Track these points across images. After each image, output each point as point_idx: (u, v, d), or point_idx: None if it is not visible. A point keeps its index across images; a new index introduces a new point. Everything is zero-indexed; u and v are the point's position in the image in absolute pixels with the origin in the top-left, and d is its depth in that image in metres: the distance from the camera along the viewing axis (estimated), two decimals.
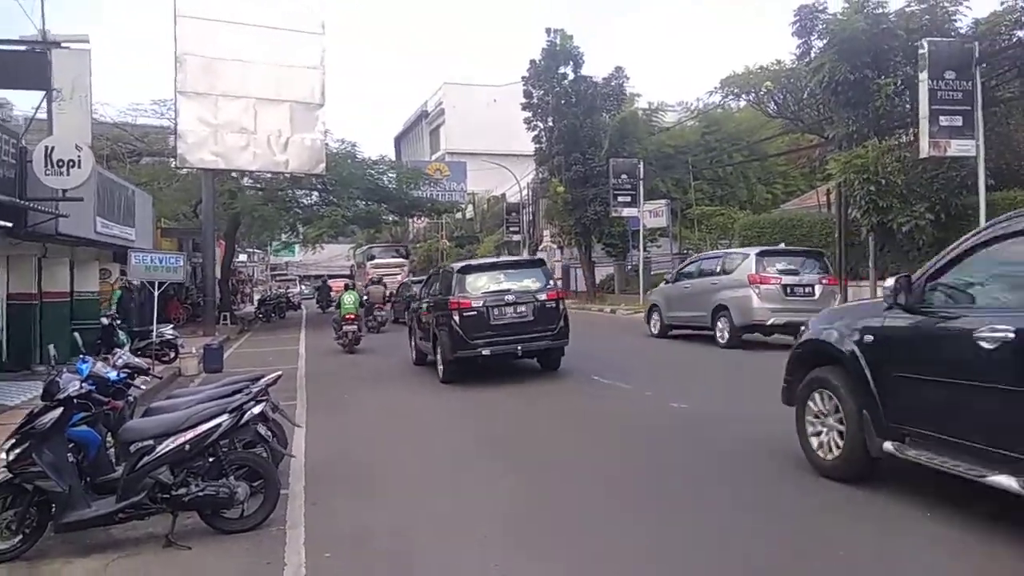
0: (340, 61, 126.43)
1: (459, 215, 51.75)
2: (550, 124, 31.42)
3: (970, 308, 4.79)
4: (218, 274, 28.47)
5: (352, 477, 6.80)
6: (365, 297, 21.31)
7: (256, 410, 5.78)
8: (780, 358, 6.60)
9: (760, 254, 14.00)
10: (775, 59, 22.34)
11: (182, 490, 5.25)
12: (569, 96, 30.70)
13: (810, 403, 5.86)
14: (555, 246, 37.90)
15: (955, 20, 15.58)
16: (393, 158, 50.89)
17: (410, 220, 50.30)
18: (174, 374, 14.03)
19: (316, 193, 31.09)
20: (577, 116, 30.13)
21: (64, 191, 12.39)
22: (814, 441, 5.83)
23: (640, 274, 27.36)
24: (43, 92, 12.38)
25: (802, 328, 6.35)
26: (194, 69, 22.28)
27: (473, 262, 14.14)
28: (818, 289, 13.39)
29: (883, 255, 16.35)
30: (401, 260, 41.17)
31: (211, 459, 5.48)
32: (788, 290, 13.36)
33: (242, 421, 5.63)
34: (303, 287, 61.52)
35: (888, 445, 5.09)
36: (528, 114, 32.33)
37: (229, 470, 5.43)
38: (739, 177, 33.06)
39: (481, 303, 11.46)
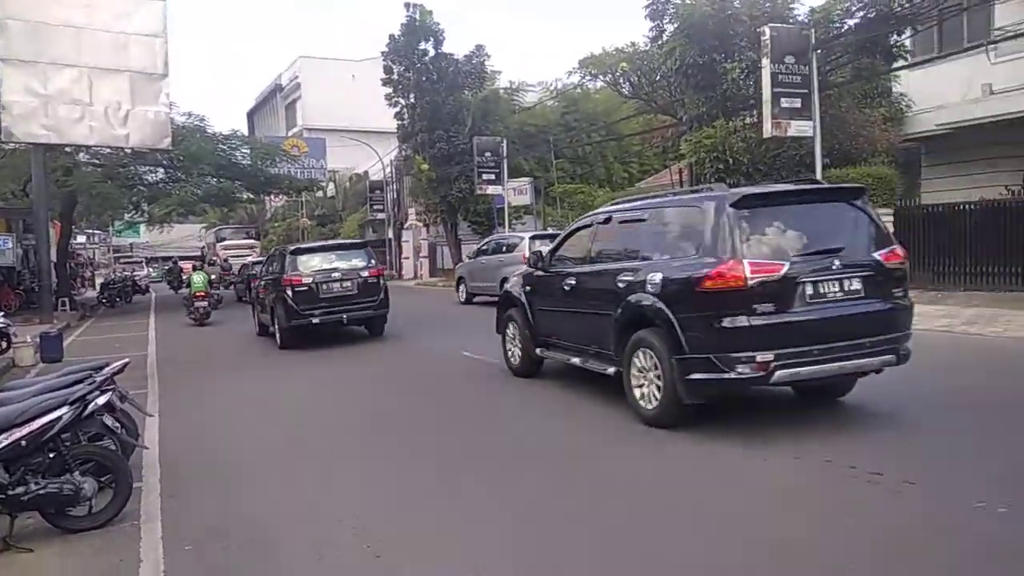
0: (186, 30, 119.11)
1: (320, 193, 50.29)
2: (412, 101, 31.00)
3: (565, 267, 8.12)
4: (54, 257, 26.21)
5: (211, 466, 6.50)
6: (213, 277, 23.26)
7: (100, 400, 5.40)
8: None
9: (532, 237, 16.97)
10: (630, 42, 23.04)
11: (19, 489, 4.82)
12: (431, 73, 30.38)
13: (506, 331, 9.40)
14: (421, 224, 37.61)
15: (793, 8, 16.63)
16: (246, 133, 48.69)
17: (267, 198, 48.42)
18: (7, 365, 12.88)
19: (162, 170, 29.17)
20: (439, 93, 29.90)
21: None
22: (509, 351, 9.37)
23: None
24: None
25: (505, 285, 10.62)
26: (18, 35, 20.27)
27: (304, 245, 17.72)
28: None
29: None
30: (252, 241, 43.68)
31: (52, 454, 5.06)
32: None
33: (85, 413, 5.23)
34: (151, 270, 57.91)
35: (538, 351, 8.63)
36: (389, 90, 31.74)
37: (73, 465, 5.04)
38: (598, 156, 34.00)
39: (311, 279, 13.45)
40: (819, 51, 15.29)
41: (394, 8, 76.99)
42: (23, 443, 4.88)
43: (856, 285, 5.94)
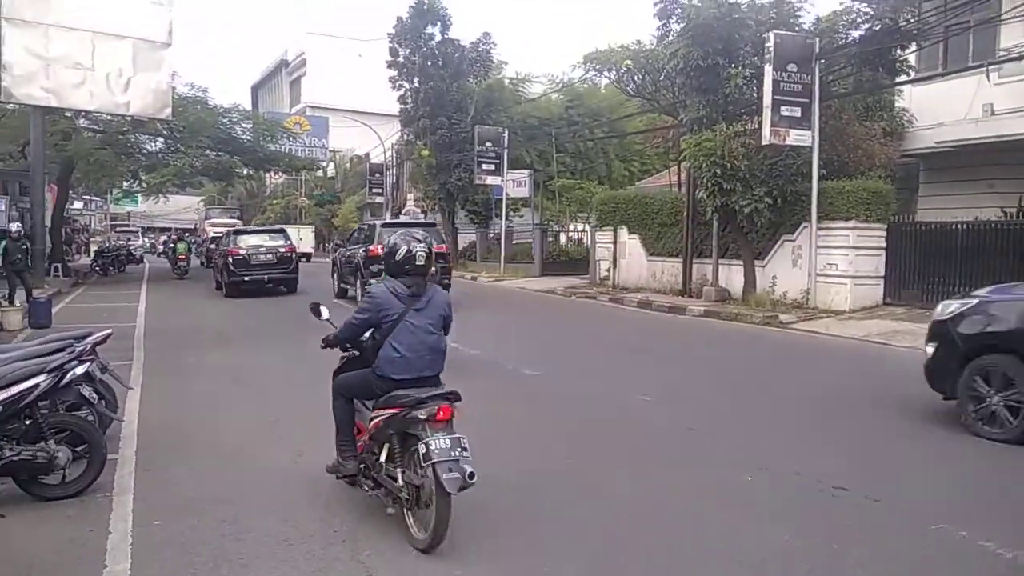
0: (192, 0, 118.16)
1: (319, 173, 50.17)
2: (416, 85, 30.89)
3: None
4: (49, 222, 26.13)
5: (189, 441, 6.52)
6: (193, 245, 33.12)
7: (79, 370, 5.41)
8: None
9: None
10: (636, 39, 22.96)
11: None
12: (436, 58, 30.28)
13: None
14: (419, 210, 37.57)
15: (799, 16, 16.53)
16: (249, 108, 48.46)
17: (266, 175, 48.29)
18: None
19: (161, 139, 29.06)
20: (444, 79, 29.81)
21: None
22: None
23: (502, 243, 27.66)
24: None
25: None
26: None
27: (244, 228, 28.10)
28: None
29: (725, 235, 17.32)
30: (234, 221, 47.42)
31: (28, 421, 5.09)
32: None
33: (63, 382, 5.26)
34: (147, 239, 57.76)
35: None
36: (394, 73, 31.61)
37: (48, 434, 5.06)
38: (599, 152, 33.98)
39: (245, 251, 20.54)
40: (822, 61, 15.27)
41: None
42: None
43: None
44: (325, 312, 5.32)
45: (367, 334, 4.75)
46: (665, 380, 9.36)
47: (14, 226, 16.54)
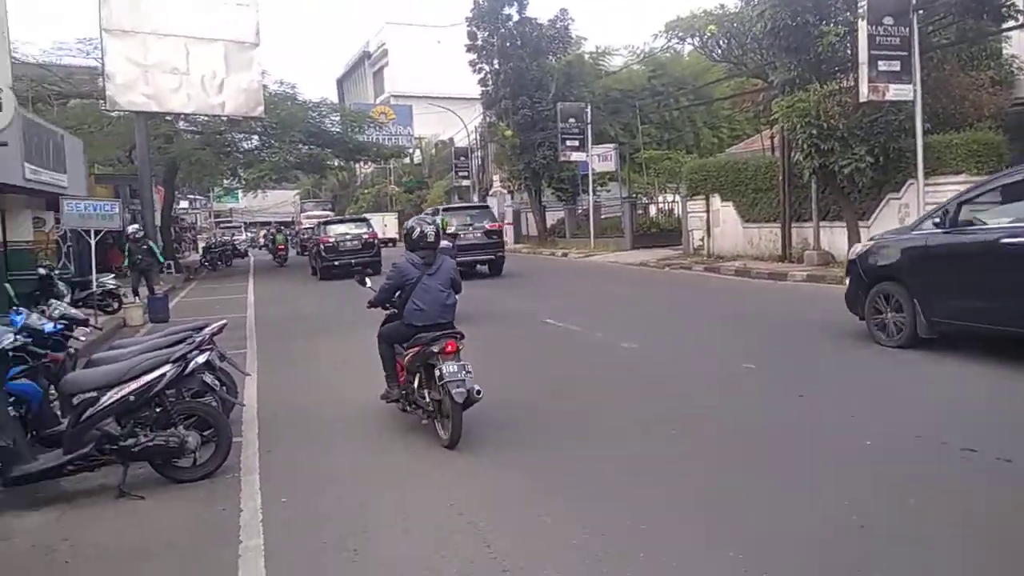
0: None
1: (407, 160, 51.01)
2: (496, 67, 30.93)
3: None
4: (159, 222, 27.60)
5: (305, 423, 6.79)
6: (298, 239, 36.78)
7: (200, 359, 5.69)
8: None
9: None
10: (719, 3, 22.26)
11: (130, 441, 5.17)
12: (515, 38, 30.20)
13: None
14: (505, 191, 37.74)
15: None
16: (336, 101, 49.64)
17: (356, 165, 49.46)
18: (118, 324, 13.70)
19: (256, 137, 30.20)
20: (523, 59, 29.72)
21: None
22: None
23: (591, 218, 27.50)
24: None
25: None
26: (120, 6, 21.22)
27: (332, 219, 30.91)
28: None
29: (825, 197, 16.70)
30: (327, 212, 51.53)
31: (158, 409, 5.40)
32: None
33: (187, 371, 5.53)
34: (249, 234, 60.22)
35: None
36: (473, 56, 31.73)
37: (178, 420, 5.36)
38: (686, 121, 33.23)
39: (334, 239, 22.76)
40: (920, 11, 14.41)
41: None
42: (132, 398, 5.22)
43: None
44: (368, 282, 7.07)
45: (396, 295, 6.29)
46: (769, 347, 9.12)
47: (131, 228, 17.45)
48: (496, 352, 9.63)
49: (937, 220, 7.93)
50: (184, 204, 51.14)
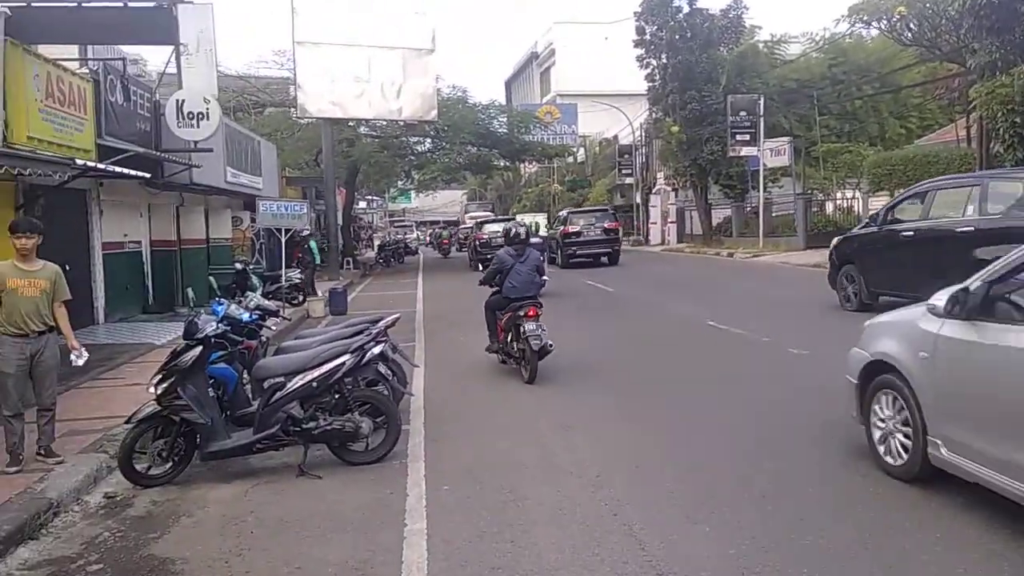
0: (449, 5, 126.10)
1: (570, 159, 51.27)
2: (664, 61, 30.35)
3: None
4: (340, 221, 29.54)
5: (469, 415, 7.04)
6: (463, 237, 39.80)
7: (376, 350, 6.04)
8: None
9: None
10: None
11: (311, 424, 5.60)
12: (684, 31, 29.50)
13: None
14: (669, 188, 37.03)
15: None
16: (503, 102, 50.77)
17: (521, 165, 50.38)
18: (303, 316, 14.78)
19: (429, 140, 31.52)
20: (692, 51, 28.98)
21: (195, 142, 13.11)
22: None
23: (760, 216, 26.36)
24: (171, 47, 13.00)
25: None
26: (310, 18, 22.84)
27: (489, 218, 34.17)
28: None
29: None
30: (488, 214, 53.54)
31: (337, 396, 5.80)
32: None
33: (363, 361, 5.90)
34: (419, 232, 63.03)
35: None
36: (640, 51, 31.33)
37: (353, 406, 5.73)
38: (869, 111, 31.01)
39: (487, 236, 25.98)
40: None
41: None
42: (314, 384, 5.65)
43: None
44: (481, 267, 9.85)
45: (496, 277, 8.72)
46: None
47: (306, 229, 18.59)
48: (659, 355, 9.51)
49: (874, 219, 11.34)
50: (363, 204, 54.26)
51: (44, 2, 11.26)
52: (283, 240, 15.39)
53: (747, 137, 26.45)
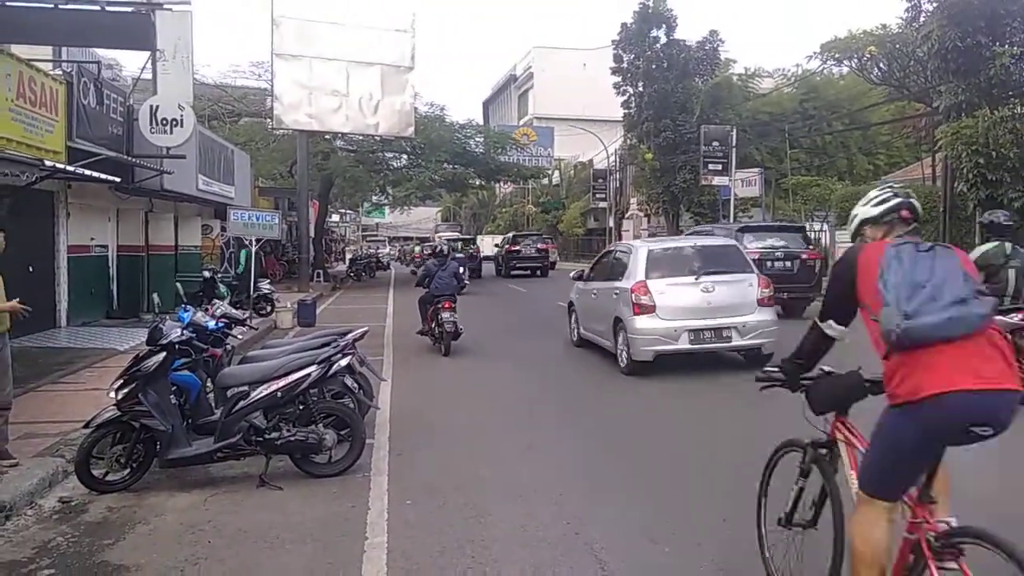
0: (430, 24, 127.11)
1: (545, 181, 51.64)
2: (640, 89, 30.81)
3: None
4: (312, 233, 29.39)
5: (434, 430, 7.02)
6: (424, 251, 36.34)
7: (343, 363, 6.02)
8: None
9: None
10: (880, 23, 21.23)
11: (274, 434, 5.54)
12: (661, 61, 30.00)
13: None
14: (642, 214, 37.44)
15: None
16: (481, 122, 51.05)
17: (496, 184, 50.62)
18: (270, 326, 14.66)
19: (405, 156, 31.55)
20: (668, 81, 29.45)
21: (168, 149, 13.02)
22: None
23: None
24: (148, 53, 12.93)
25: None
26: (290, 31, 22.86)
27: (453, 237, 41.66)
28: None
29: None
30: (455, 233, 54.46)
31: (301, 407, 5.76)
32: None
33: (330, 372, 5.87)
34: (391, 248, 62.89)
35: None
36: (618, 79, 31.77)
37: (318, 418, 5.69)
38: (839, 146, 31.74)
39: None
40: None
41: None
42: (279, 394, 5.60)
43: None
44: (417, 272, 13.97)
45: (426, 280, 11.88)
46: None
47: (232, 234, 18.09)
48: (625, 384, 9.60)
49: None
50: (335, 217, 54.08)
51: (20, 1, 11.15)
52: (253, 250, 15.28)
53: (719, 167, 26.85)
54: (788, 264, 13.80)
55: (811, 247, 15.24)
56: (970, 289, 2.62)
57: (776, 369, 3.39)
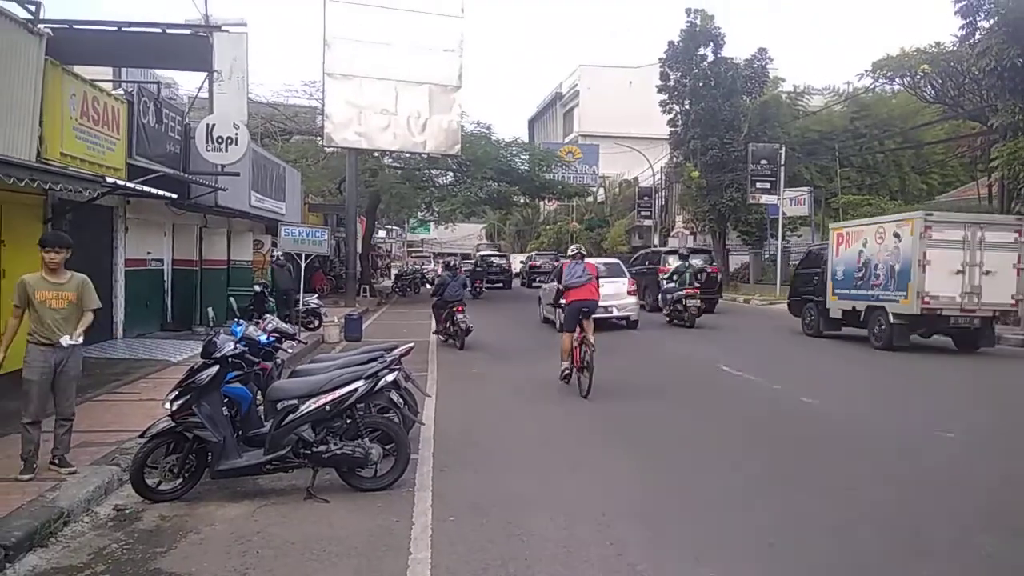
0: (477, 43, 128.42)
1: (590, 198, 51.57)
2: (687, 107, 30.74)
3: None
4: (359, 249, 29.79)
5: (478, 447, 7.05)
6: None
7: (389, 378, 6.08)
8: None
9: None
10: (933, 41, 20.85)
11: (322, 447, 5.63)
12: (708, 78, 29.90)
13: None
14: (688, 232, 37.14)
15: None
16: (526, 140, 51.33)
17: (541, 202, 50.70)
18: (318, 341, 14.88)
19: (451, 173, 31.86)
20: (716, 99, 29.31)
21: (223, 166, 13.36)
22: None
23: (778, 264, 26.36)
24: (205, 73, 13.33)
25: None
26: (341, 51, 23.33)
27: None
28: None
29: None
30: (494, 252, 55.96)
31: (348, 421, 5.83)
32: None
33: (376, 387, 5.94)
34: (434, 264, 63.42)
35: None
36: (664, 97, 31.73)
37: (364, 432, 5.77)
38: (890, 165, 31.16)
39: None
40: None
41: (675, 12, 77.05)
42: (327, 408, 5.70)
43: None
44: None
45: (440, 289, 15.09)
46: (984, 417, 8.31)
47: (277, 254, 17.89)
48: (670, 400, 9.50)
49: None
50: (382, 233, 54.73)
51: (86, 25, 11.63)
52: (303, 265, 15.56)
53: (767, 185, 26.59)
54: (699, 276, 19.12)
55: (714, 263, 23.09)
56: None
57: None
